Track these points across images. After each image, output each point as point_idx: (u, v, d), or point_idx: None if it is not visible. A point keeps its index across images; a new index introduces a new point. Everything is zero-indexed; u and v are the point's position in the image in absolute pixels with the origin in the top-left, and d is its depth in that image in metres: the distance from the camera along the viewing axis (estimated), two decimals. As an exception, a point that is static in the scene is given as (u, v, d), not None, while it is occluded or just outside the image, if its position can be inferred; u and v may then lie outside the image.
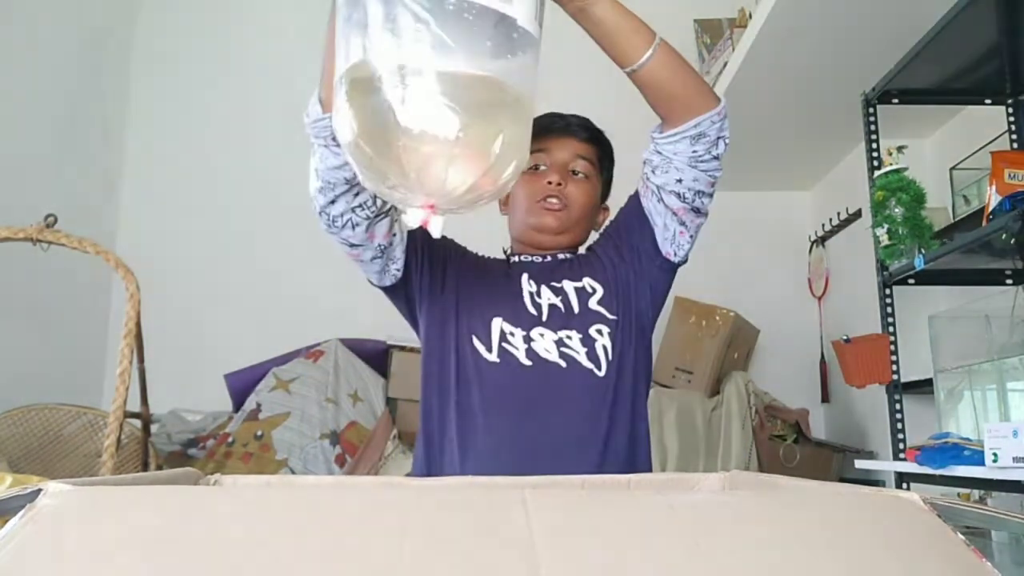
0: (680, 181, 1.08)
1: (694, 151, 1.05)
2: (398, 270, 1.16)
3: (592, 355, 1.13)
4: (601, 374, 1.12)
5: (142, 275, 1.98)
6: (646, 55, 0.98)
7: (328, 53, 0.93)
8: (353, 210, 1.05)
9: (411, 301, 1.20)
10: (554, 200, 1.19)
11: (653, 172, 1.10)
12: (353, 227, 1.06)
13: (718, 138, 1.05)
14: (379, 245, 1.11)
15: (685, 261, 1.19)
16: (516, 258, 1.24)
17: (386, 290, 1.20)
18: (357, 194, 1.03)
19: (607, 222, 1.28)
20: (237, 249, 3.26)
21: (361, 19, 0.71)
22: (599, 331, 1.14)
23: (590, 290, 1.17)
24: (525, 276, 1.19)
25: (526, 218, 1.21)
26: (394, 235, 1.12)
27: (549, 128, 1.21)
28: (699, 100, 1.03)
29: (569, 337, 1.14)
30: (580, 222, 1.23)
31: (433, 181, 0.70)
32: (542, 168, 1.20)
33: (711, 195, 1.12)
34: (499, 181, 0.74)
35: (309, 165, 1.05)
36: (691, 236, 1.16)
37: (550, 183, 1.19)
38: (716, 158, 1.07)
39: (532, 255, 1.23)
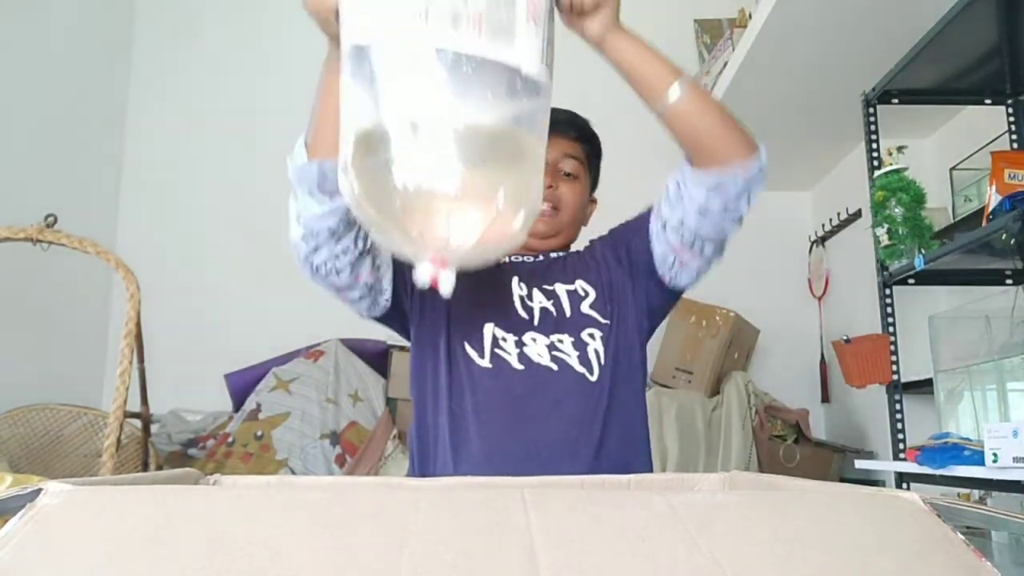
0: (683, 223, 1.04)
1: (707, 204, 0.99)
2: (387, 300, 1.13)
3: (584, 359, 1.11)
4: (593, 379, 1.10)
5: (142, 275, 1.98)
6: (674, 95, 0.93)
7: (319, 97, 0.91)
8: (336, 256, 1.02)
9: (404, 320, 1.17)
10: (544, 205, 1.16)
11: (666, 199, 1.06)
12: (337, 273, 1.03)
13: (740, 194, 0.99)
14: (365, 283, 1.07)
15: (683, 291, 1.16)
16: (506, 260, 1.21)
17: (378, 319, 1.16)
18: (339, 240, 1.00)
19: (594, 213, 1.27)
20: (237, 249, 3.26)
21: (361, 75, 0.68)
22: (591, 335, 1.12)
23: (582, 293, 1.15)
24: (515, 279, 1.17)
25: None
26: (378, 268, 1.09)
27: None
28: (730, 150, 0.96)
29: (561, 341, 1.11)
30: (572, 223, 1.22)
31: (437, 240, 0.68)
32: None
33: (719, 248, 1.07)
34: (508, 231, 0.71)
35: (288, 211, 1.01)
36: (694, 273, 1.11)
37: None
38: (731, 214, 1.00)
39: (523, 255, 1.21)
